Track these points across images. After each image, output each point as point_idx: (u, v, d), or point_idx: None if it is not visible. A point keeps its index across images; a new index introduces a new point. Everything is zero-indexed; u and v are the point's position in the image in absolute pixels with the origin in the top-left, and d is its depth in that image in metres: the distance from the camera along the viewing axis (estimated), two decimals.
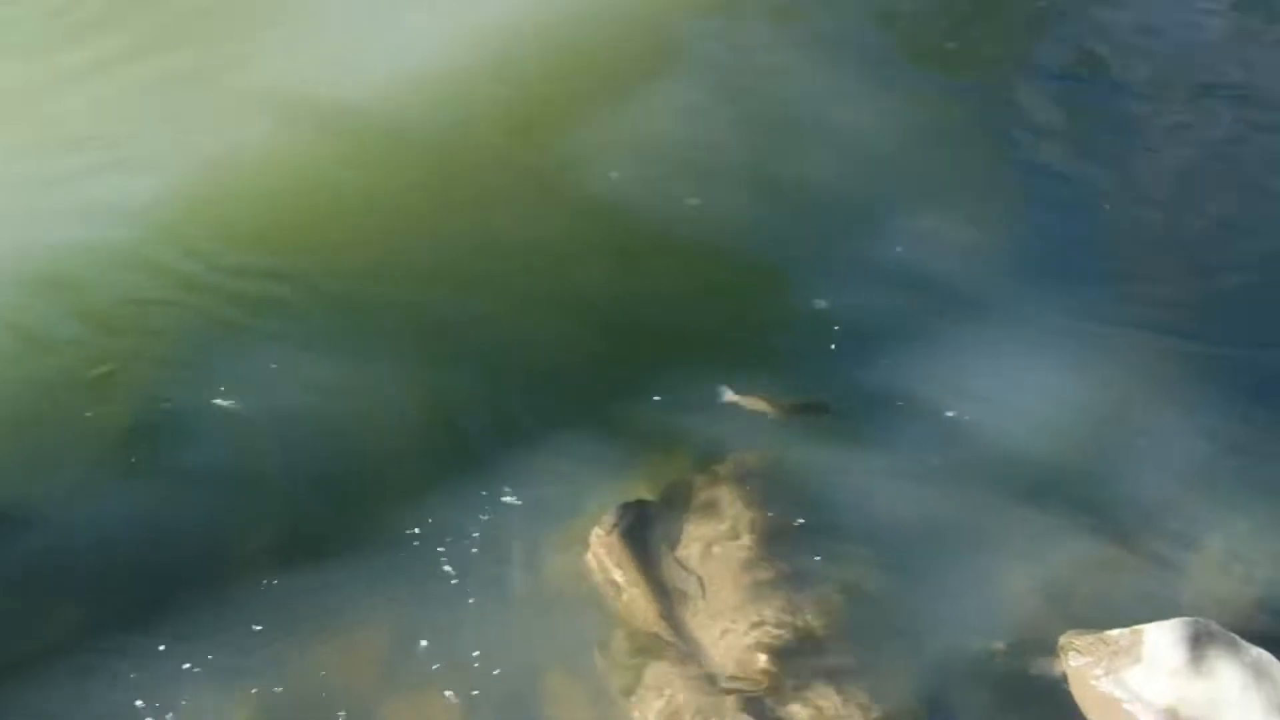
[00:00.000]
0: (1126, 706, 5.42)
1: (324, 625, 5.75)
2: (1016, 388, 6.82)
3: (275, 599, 5.83)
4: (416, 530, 6.11)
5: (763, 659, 5.65)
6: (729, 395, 6.59)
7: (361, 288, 7.31)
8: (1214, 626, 5.43)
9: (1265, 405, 6.87)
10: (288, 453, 6.48)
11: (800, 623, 5.78)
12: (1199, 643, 5.37)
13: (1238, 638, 5.40)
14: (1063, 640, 5.71)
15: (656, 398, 6.67)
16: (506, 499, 6.25)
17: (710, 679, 5.64)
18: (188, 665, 5.50)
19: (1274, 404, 6.88)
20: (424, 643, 5.72)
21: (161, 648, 5.55)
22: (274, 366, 6.82)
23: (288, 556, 6.03)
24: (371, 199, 7.84)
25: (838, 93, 8.74)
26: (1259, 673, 5.29)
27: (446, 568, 6.00)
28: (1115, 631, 5.59)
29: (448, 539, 6.09)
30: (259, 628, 5.69)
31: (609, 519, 6.05)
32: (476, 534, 6.12)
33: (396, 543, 6.07)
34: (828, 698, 5.59)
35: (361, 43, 8.93)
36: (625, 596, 5.91)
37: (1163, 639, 5.43)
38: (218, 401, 6.62)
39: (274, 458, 6.46)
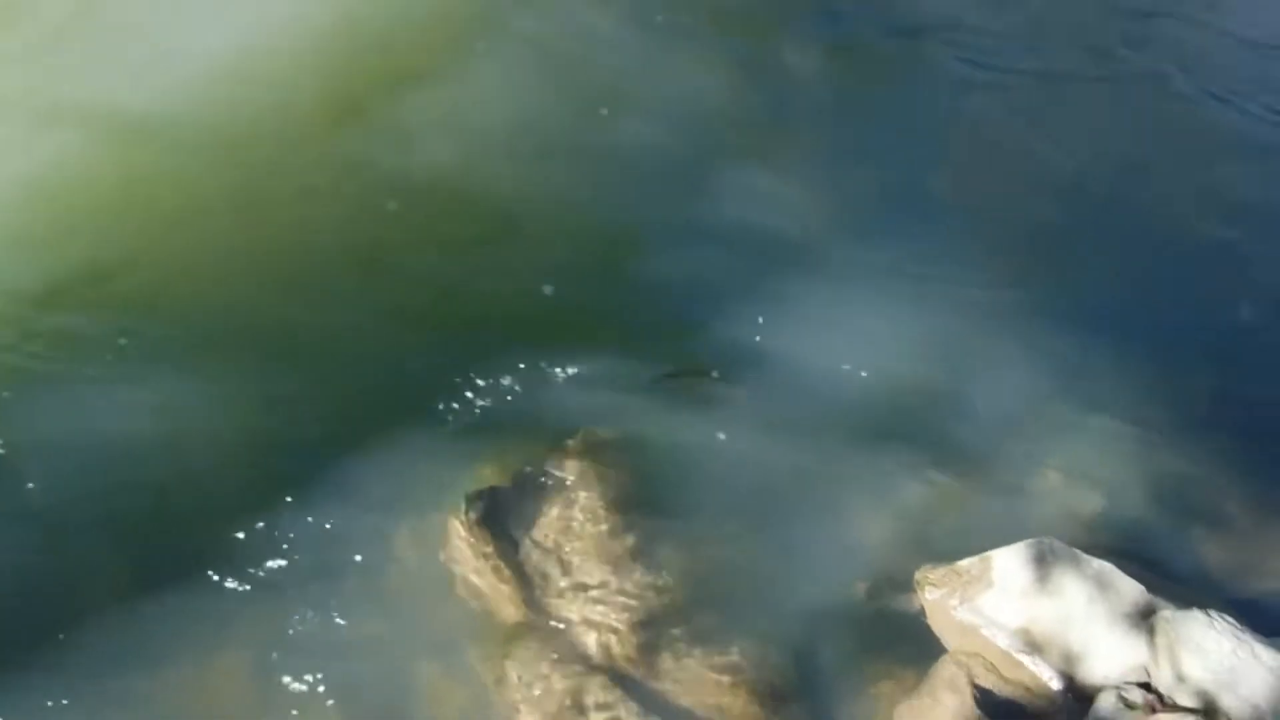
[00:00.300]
0: (983, 631, 5.56)
1: (183, 653, 5.50)
2: (855, 337, 6.90)
3: (126, 633, 5.51)
4: (268, 545, 5.87)
5: (627, 632, 5.62)
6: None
7: (183, 300, 6.93)
8: (1057, 545, 5.62)
9: (1092, 334, 7.13)
10: (119, 481, 6.10)
11: (664, 591, 5.77)
12: (1044, 562, 5.55)
13: (1080, 553, 5.60)
14: (918, 575, 5.84)
15: (499, 381, 6.51)
16: (358, 502, 6.04)
17: (581, 658, 5.58)
18: (44, 707, 5.19)
19: (1100, 333, 7.14)
20: (290, 658, 5.53)
21: (10, 691, 5.21)
22: (98, 393, 6.41)
23: (136, 587, 5.71)
24: (186, 207, 7.42)
25: (658, 60, 8.67)
26: (1102, 584, 5.49)
27: (304, 579, 5.78)
28: (966, 561, 5.74)
29: (301, 550, 5.87)
30: (112, 665, 5.40)
31: (462, 509, 5.92)
32: (331, 541, 5.92)
33: (248, 560, 5.82)
34: (698, 661, 5.60)
35: (162, 45, 8.45)
36: (485, 585, 5.79)
37: (1009, 563, 5.59)
38: (38, 433, 6.21)
39: (104, 487, 6.08)
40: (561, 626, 5.69)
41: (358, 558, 5.88)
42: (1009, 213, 7.90)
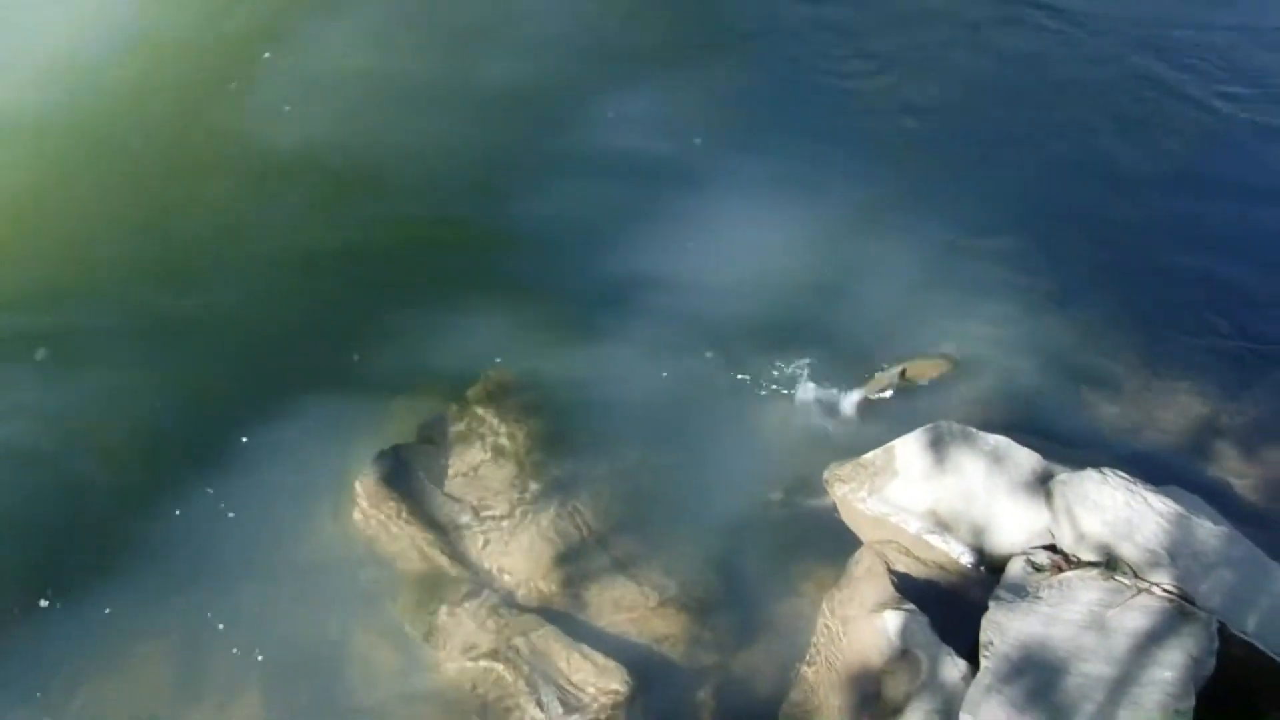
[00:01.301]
0: (893, 519, 5.71)
1: (103, 647, 5.48)
2: (739, 250, 6.96)
3: (44, 634, 5.51)
4: (182, 531, 5.85)
5: (549, 567, 5.67)
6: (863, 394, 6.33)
7: (64, 294, 6.79)
8: (954, 426, 5.76)
9: (967, 220, 7.26)
10: (23, 483, 6.06)
11: (580, 523, 5.83)
12: (942, 444, 5.70)
13: (976, 431, 5.75)
14: (826, 474, 5.97)
15: (393, 338, 6.48)
16: (267, 478, 6.02)
17: (506, 601, 5.62)
18: None
19: (974, 218, 7.28)
20: (215, 640, 5.53)
21: None
22: None
23: (51, 586, 5.69)
24: (48, 200, 7.21)
25: None
26: (999, 458, 5.66)
27: (222, 560, 5.79)
28: (870, 454, 5.87)
29: (217, 532, 5.86)
30: (32, 666, 5.38)
31: (368, 471, 5.90)
32: (245, 520, 5.91)
33: (163, 547, 5.81)
34: (623, 587, 5.68)
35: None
36: (402, 543, 5.79)
37: (910, 449, 5.74)
38: None
39: (8, 491, 6.01)
40: (483, 573, 5.72)
41: (274, 533, 5.88)
42: (880, 119, 7.96)
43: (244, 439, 6.17)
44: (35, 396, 6.35)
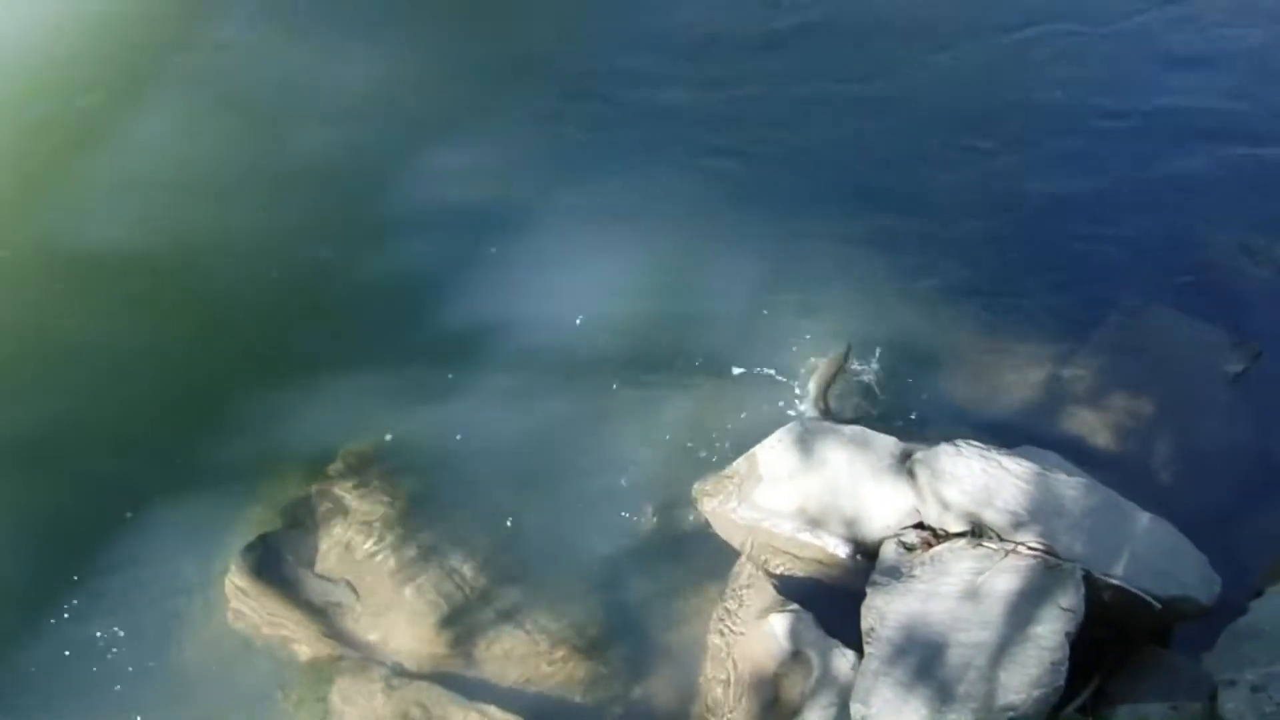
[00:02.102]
0: (765, 524, 5.79)
1: None
2: (579, 281, 7.00)
3: None
4: (49, 655, 5.63)
5: (436, 630, 5.60)
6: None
7: None
8: (810, 424, 5.90)
9: (807, 217, 7.41)
10: None
11: (459, 582, 5.77)
12: (801, 443, 5.81)
13: (833, 424, 5.90)
14: (694, 491, 6.03)
15: (240, 428, 6.34)
16: (136, 587, 5.84)
17: (396, 671, 5.53)
18: None
19: (801, 215, 7.43)
20: None
21: None
22: None
23: None
24: None
25: (319, 68, 8.41)
26: (858, 446, 5.78)
27: (95, 683, 5.57)
28: (733, 464, 5.96)
29: (90, 651, 5.65)
30: None
31: (237, 565, 5.76)
32: (114, 636, 5.70)
33: (33, 674, 5.61)
34: (512, 637, 5.64)
35: None
36: (283, 632, 5.65)
37: (771, 453, 5.83)
38: None
39: None
40: (370, 648, 5.63)
41: (149, 645, 5.68)
42: (702, 121, 8.10)
43: (103, 551, 5.96)
44: None
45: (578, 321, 6.77)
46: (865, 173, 7.76)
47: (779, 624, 5.39)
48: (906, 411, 6.33)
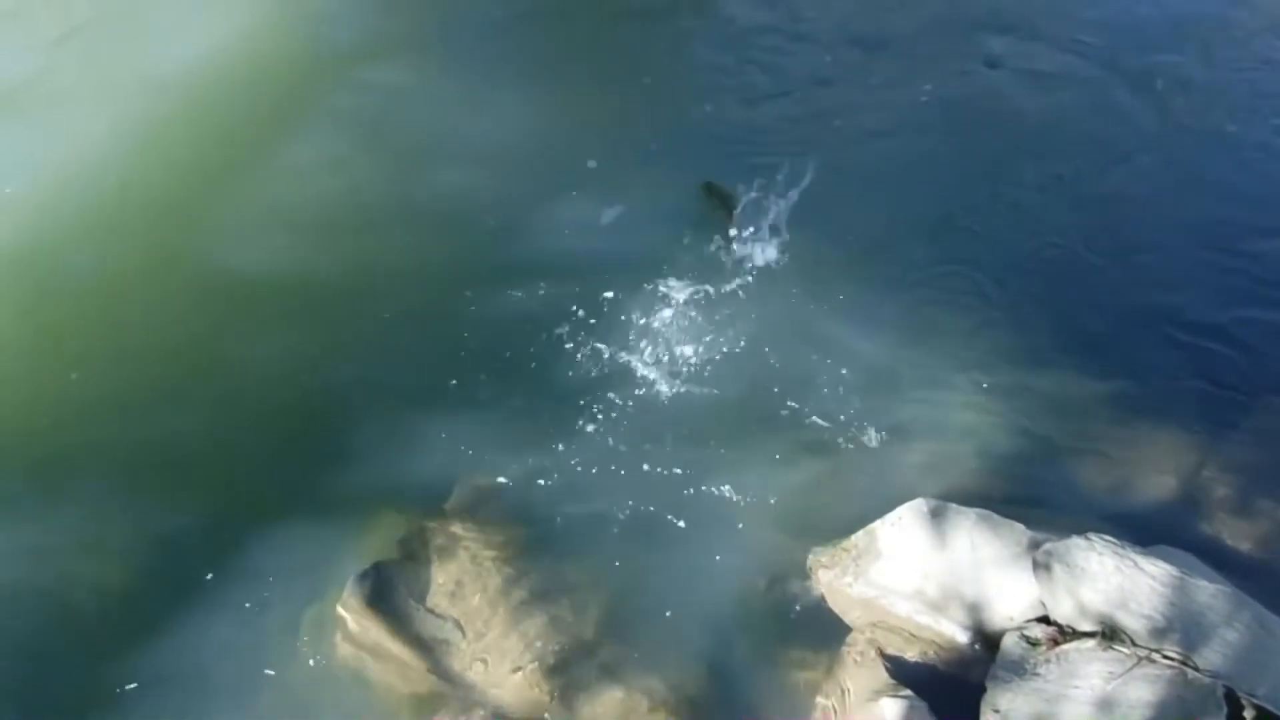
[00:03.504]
0: (881, 602, 5.63)
1: None
2: (701, 335, 6.96)
3: None
4: (168, 668, 5.71)
5: (539, 678, 5.55)
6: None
7: (28, 434, 6.70)
8: (934, 503, 5.71)
9: (927, 290, 7.28)
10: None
11: (565, 631, 5.72)
12: (925, 522, 5.63)
13: (956, 506, 5.70)
14: (809, 561, 5.89)
15: (366, 455, 6.42)
16: (251, 606, 5.90)
17: (497, 716, 5.50)
18: None
19: (934, 287, 7.30)
20: None
21: None
22: None
23: None
24: (12, 332, 7.21)
25: (466, 112, 8.63)
26: (984, 531, 5.59)
27: (212, 695, 5.63)
28: (852, 537, 5.81)
29: (204, 666, 5.72)
30: None
31: (351, 593, 5.80)
32: (233, 651, 5.76)
33: (154, 686, 5.67)
34: (613, 693, 5.56)
35: None
36: (391, 664, 5.67)
37: (892, 530, 5.67)
38: None
39: None
40: (471, 689, 5.60)
41: (262, 662, 5.74)
42: (829, 190, 7.98)
43: (225, 566, 6.05)
44: (7, 538, 6.26)
45: (699, 375, 6.72)
46: (1000, 232, 7.62)
47: (890, 709, 5.19)
48: (1035, 497, 6.08)
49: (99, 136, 8.37)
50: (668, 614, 5.76)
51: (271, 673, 5.71)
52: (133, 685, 5.66)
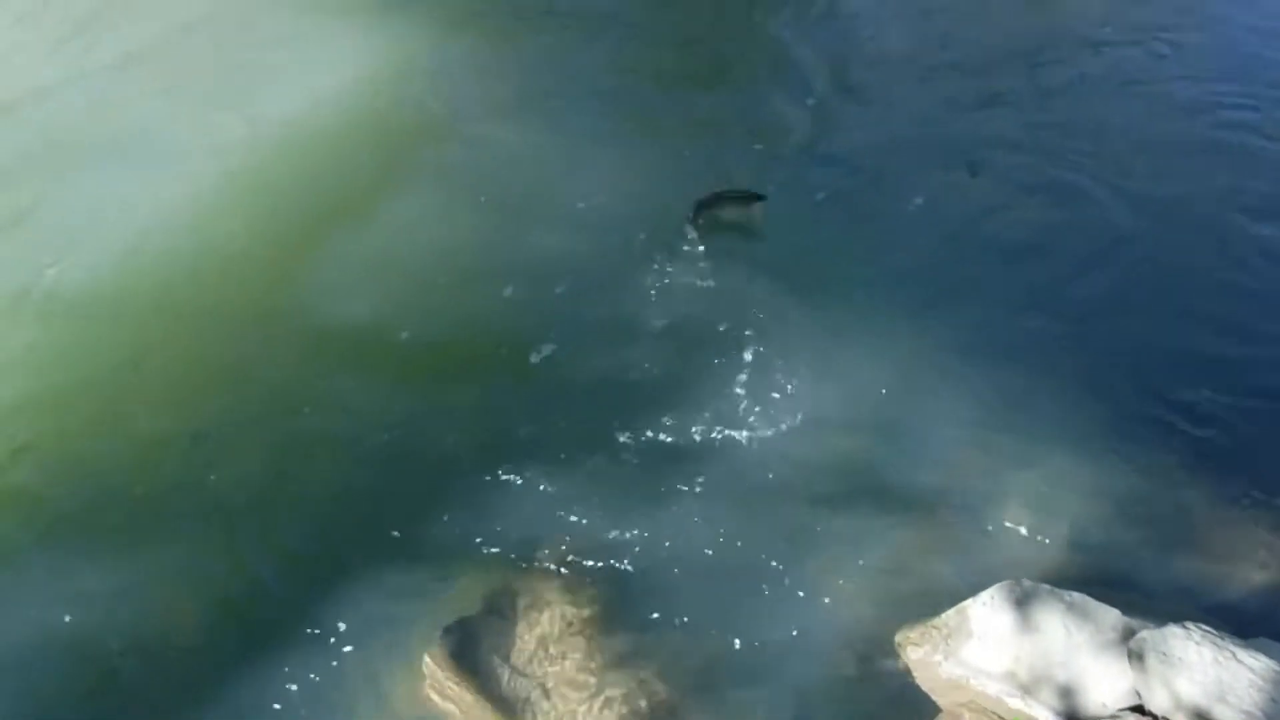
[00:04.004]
0: (972, 682, 5.56)
1: None
2: (796, 405, 6.98)
3: None
4: (242, 705, 5.79)
5: None
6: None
7: (124, 469, 6.89)
8: (1028, 584, 5.64)
9: (1027, 365, 7.23)
10: (82, 674, 6.01)
11: (648, 693, 5.71)
12: (1019, 603, 5.56)
13: (1052, 588, 5.62)
14: (898, 637, 5.84)
15: (459, 509, 6.50)
16: (334, 652, 5.97)
17: None
18: None
19: (1036, 362, 7.24)
20: None
21: None
22: (46, 583, 6.34)
23: None
24: (114, 374, 7.44)
25: (570, 172, 8.81)
26: (1079, 615, 5.51)
27: None
28: (942, 615, 5.74)
29: (284, 709, 5.78)
30: None
31: (436, 646, 5.84)
32: (313, 695, 5.83)
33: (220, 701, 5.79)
34: None
35: (77, 219, 8.54)
36: (468, 718, 5.70)
37: (985, 610, 5.60)
38: None
39: (71, 683, 5.97)
40: None
41: (344, 711, 5.78)
42: (925, 261, 8.05)
43: (311, 610, 6.14)
44: (98, 578, 6.38)
45: (793, 444, 6.73)
46: (1107, 303, 7.60)
47: None
48: (1132, 581, 5.98)
49: (209, 183, 8.69)
50: (754, 684, 5.72)
51: (351, 712, 5.75)
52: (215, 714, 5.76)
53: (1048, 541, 6.20)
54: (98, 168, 9.03)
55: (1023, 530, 6.26)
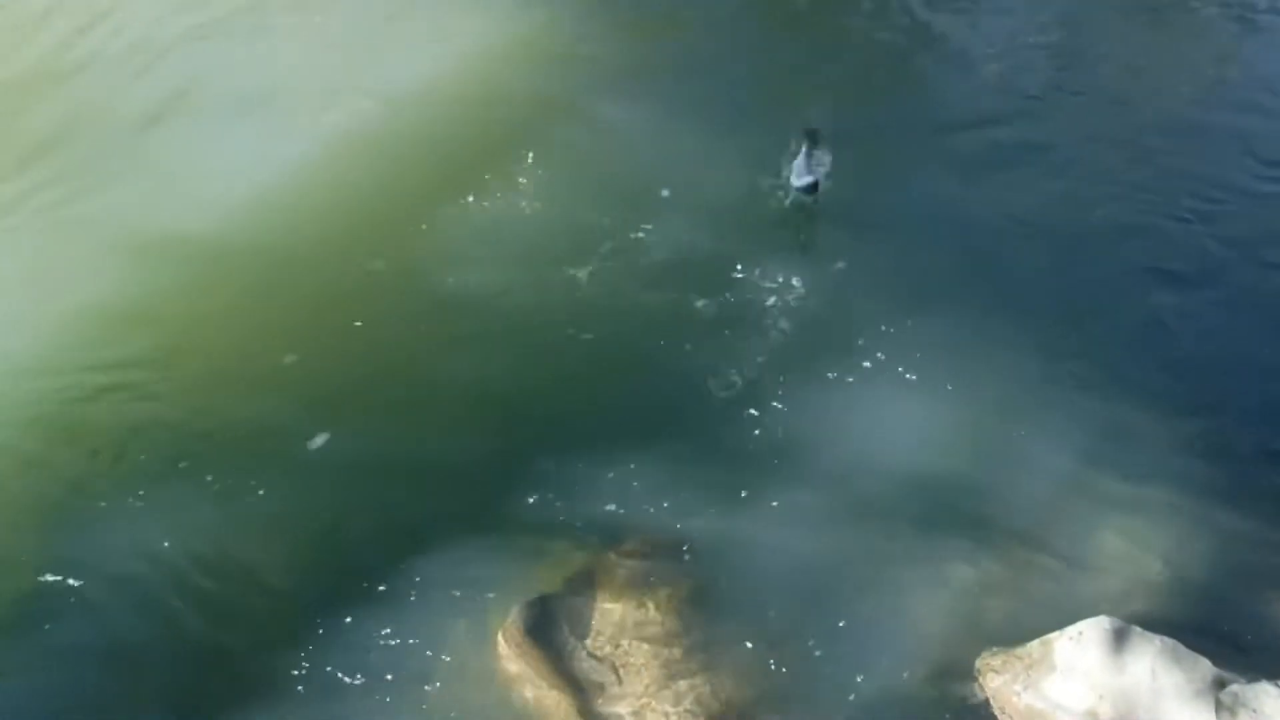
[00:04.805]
0: (1049, 715, 5.46)
1: None
2: (898, 420, 6.91)
3: None
4: (318, 663, 5.90)
5: None
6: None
7: (235, 418, 7.06)
8: (1117, 623, 5.53)
9: (1133, 399, 7.06)
10: (172, 605, 6.20)
11: (720, 693, 5.71)
12: (1106, 642, 5.45)
13: (1141, 630, 5.50)
14: (979, 663, 5.76)
15: (553, 486, 6.56)
16: (412, 612, 6.07)
17: None
18: None
19: (1141, 397, 7.07)
20: None
21: None
22: (148, 518, 6.52)
23: (194, 705, 5.80)
24: (228, 325, 7.62)
25: (694, 160, 8.77)
26: (1167, 661, 5.39)
27: (354, 697, 5.80)
28: (1027, 645, 5.66)
29: (355, 661, 5.90)
30: None
31: (513, 619, 5.92)
32: (381, 656, 5.93)
33: (299, 680, 5.86)
34: None
35: (208, 170, 8.75)
36: (540, 695, 5.75)
37: (1071, 644, 5.50)
38: (99, 557, 6.31)
39: (166, 607, 6.17)
40: None
41: (412, 669, 5.89)
42: (1036, 286, 7.91)
43: (395, 568, 6.26)
44: (194, 516, 6.56)
45: (891, 458, 6.66)
46: (1211, 335, 7.45)
47: None
48: (1226, 632, 5.82)
49: (332, 142, 8.82)
50: (825, 694, 5.69)
51: (426, 686, 5.83)
52: (292, 670, 5.87)
53: (1142, 582, 6.06)
54: (225, 121, 9.20)
55: (1117, 568, 6.13)
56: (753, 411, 6.94)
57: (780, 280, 7.76)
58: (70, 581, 6.26)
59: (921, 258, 8.09)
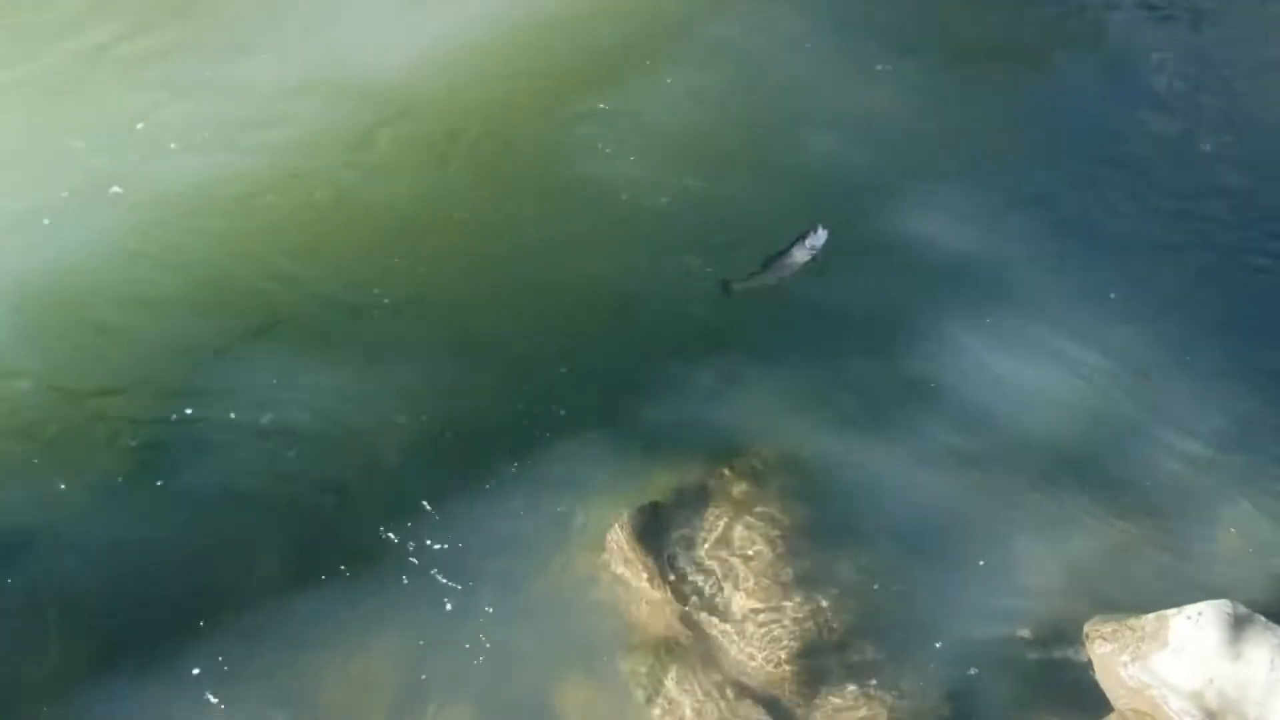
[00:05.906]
0: (1153, 692, 5.38)
1: (332, 650, 5.64)
2: (1038, 369, 6.75)
3: (281, 624, 5.71)
4: (428, 543, 6.00)
5: (783, 658, 5.60)
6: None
7: (365, 292, 7.09)
8: (1240, 609, 5.38)
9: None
10: (291, 468, 6.32)
11: (820, 619, 5.74)
12: (1226, 627, 5.32)
13: (1266, 619, 5.35)
14: (1087, 628, 5.68)
15: (673, 393, 6.55)
16: (523, 504, 6.15)
17: (732, 681, 5.59)
18: (191, 696, 5.38)
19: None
20: (437, 656, 5.64)
21: (161, 665, 5.46)
22: (279, 377, 6.64)
23: (293, 577, 5.91)
24: (376, 198, 7.60)
25: (837, 71, 8.50)
26: None
27: (459, 581, 5.89)
28: (1141, 617, 5.55)
29: (460, 551, 5.98)
30: (265, 657, 5.56)
31: (623, 523, 5.98)
32: (490, 545, 6.02)
33: (407, 557, 5.96)
34: (850, 694, 5.56)
35: (369, 35, 8.67)
36: (643, 600, 5.84)
37: (1190, 624, 5.38)
38: (223, 414, 6.43)
39: (278, 473, 6.29)
40: (716, 648, 5.71)
41: (519, 560, 5.97)
42: (1206, 244, 7.59)
43: (510, 458, 6.30)
44: (325, 386, 6.63)
45: (1020, 414, 6.52)
46: None
47: None
48: None
49: (479, 28, 8.70)
50: (926, 635, 5.67)
51: (532, 581, 5.92)
52: (399, 548, 5.95)
53: (1264, 574, 5.89)
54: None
55: (1243, 553, 5.96)
56: (891, 343, 6.82)
57: (933, 205, 7.53)
58: (199, 426, 6.40)
59: (1081, 201, 7.80)
